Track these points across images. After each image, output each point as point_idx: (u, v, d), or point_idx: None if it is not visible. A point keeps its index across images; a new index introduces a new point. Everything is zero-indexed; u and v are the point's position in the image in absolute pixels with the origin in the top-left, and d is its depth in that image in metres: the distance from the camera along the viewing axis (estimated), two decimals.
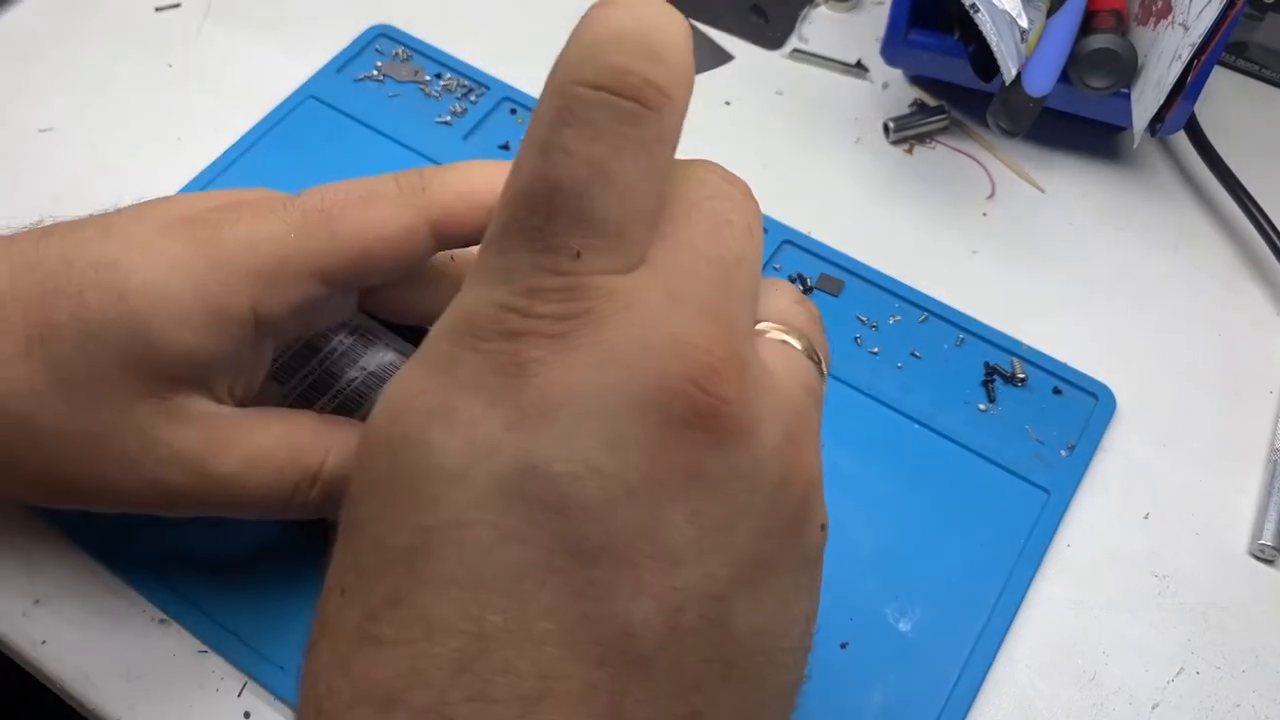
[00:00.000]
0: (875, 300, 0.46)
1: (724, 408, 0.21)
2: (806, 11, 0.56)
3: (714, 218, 0.24)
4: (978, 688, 0.37)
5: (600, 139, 0.22)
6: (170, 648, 0.37)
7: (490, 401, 0.21)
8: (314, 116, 0.50)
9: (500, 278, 0.22)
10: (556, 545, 0.21)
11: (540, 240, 0.22)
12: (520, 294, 0.22)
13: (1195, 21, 0.43)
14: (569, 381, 0.21)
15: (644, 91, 0.22)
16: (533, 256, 0.22)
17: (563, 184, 0.22)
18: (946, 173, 0.51)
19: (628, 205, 0.22)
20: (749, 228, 0.25)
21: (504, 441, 0.21)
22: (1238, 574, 0.40)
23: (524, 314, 0.22)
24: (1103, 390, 0.43)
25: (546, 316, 0.22)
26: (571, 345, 0.21)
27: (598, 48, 0.22)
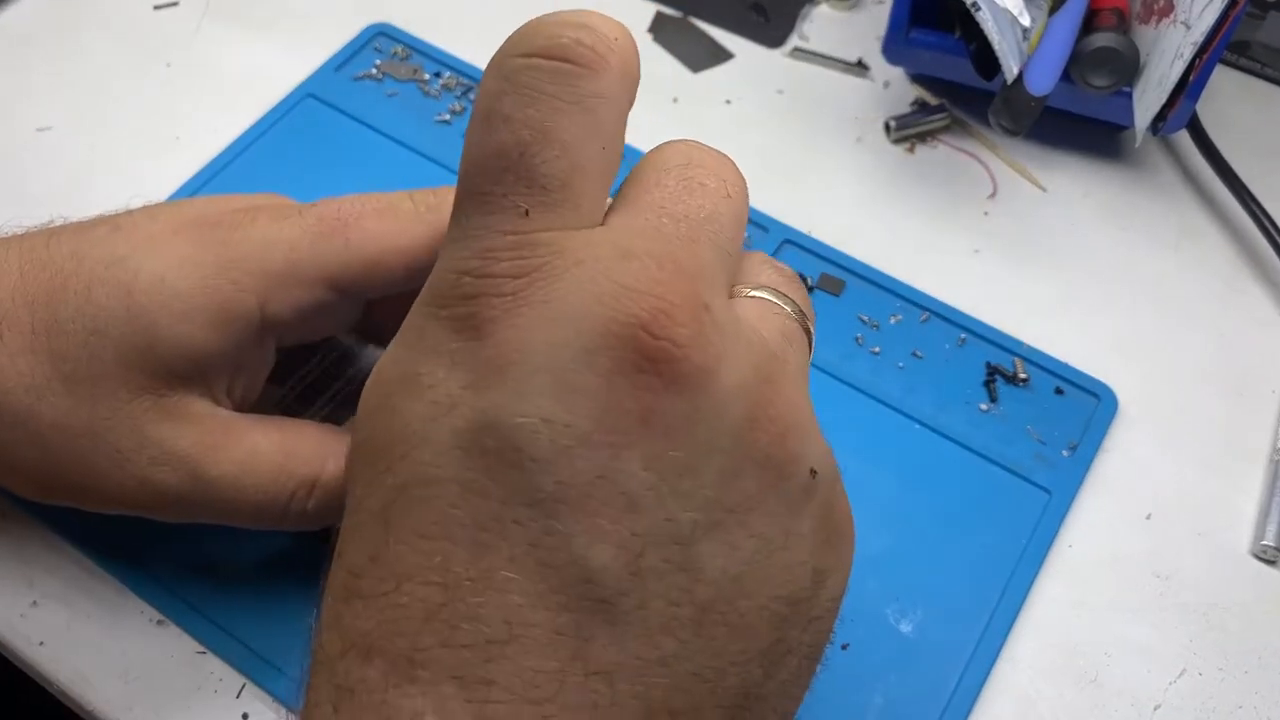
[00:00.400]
0: (876, 300, 0.46)
1: (674, 350, 0.22)
2: (807, 10, 0.56)
3: (685, 181, 0.24)
4: (979, 689, 0.37)
5: (536, 102, 0.23)
6: (168, 649, 0.37)
7: (450, 363, 0.22)
8: (312, 115, 0.50)
9: (457, 246, 0.23)
10: (514, 497, 0.21)
11: (489, 203, 0.23)
12: (474, 256, 0.23)
13: (1197, 20, 0.43)
14: (521, 337, 0.22)
15: (573, 50, 0.23)
16: (483, 219, 0.23)
17: (505, 146, 0.23)
18: (948, 172, 0.50)
19: (570, 160, 0.23)
20: (725, 191, 0.25)
21: (462, 400, 0.22)
22: (1240, 574, 0.40)
23: (477, 275, 0.22)
24: (1104, 390, 0.43)
25: (499, 276, 0.22)
26: (523, 301, 0.22)
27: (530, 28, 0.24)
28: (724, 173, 0.25)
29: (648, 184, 0.24)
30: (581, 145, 0.23)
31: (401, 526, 0.22)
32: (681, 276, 0.22)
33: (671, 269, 0.22)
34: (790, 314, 0.26)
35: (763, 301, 0.26)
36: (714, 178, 0.25)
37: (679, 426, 0.22)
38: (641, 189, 0.24)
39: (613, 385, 0.21)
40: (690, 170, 0.25)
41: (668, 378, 0.22)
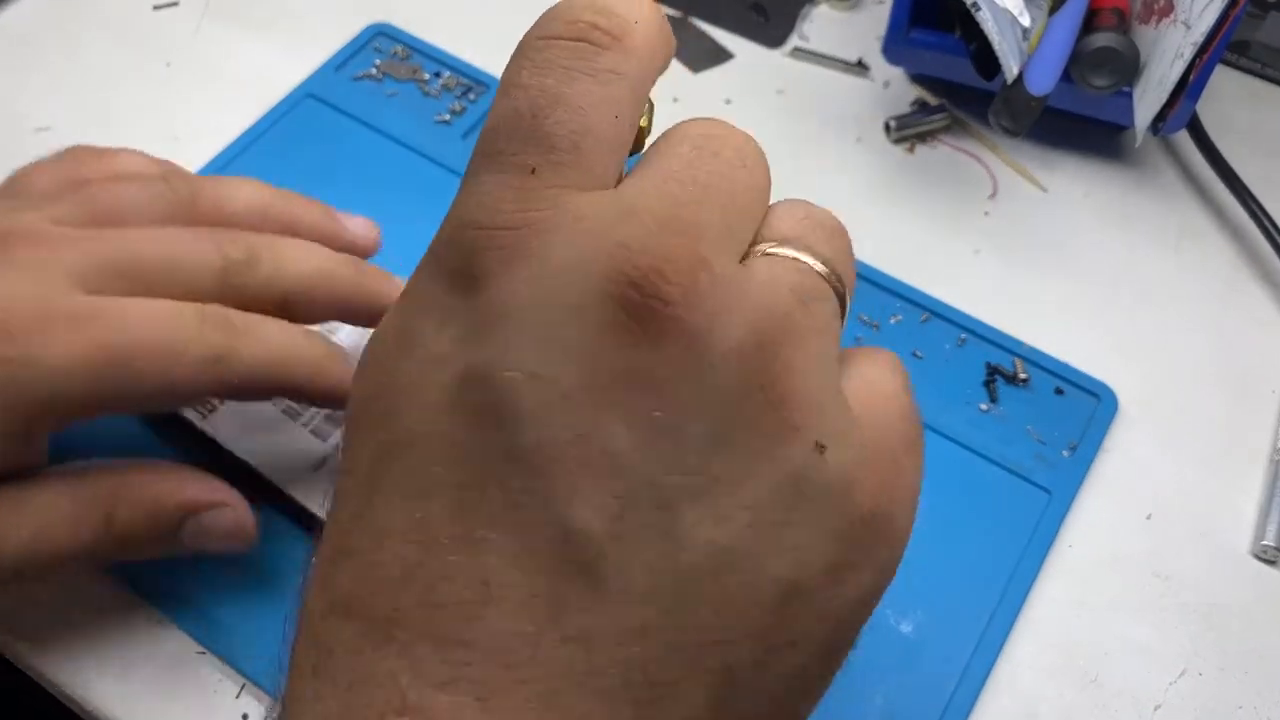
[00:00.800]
0: (876, 300, 0.46)
1: (662, 308, 0.21)
2: (807, 10, 0.56)
3: (699, 149, 0.24)
4: (979, 689, 0.37)
5: (551, 72, 0.23)
6: (168, 649, 0.37)
7: (443, 320, 0.22)
8: (312, 115, 0.50)
9: (463, 202, 0.23)
10: (495, 454, 0.21)
11: (498, 161, 0.23)
12: (476, 209, 0.22)
13: (1197, 20, 0.43)
14: (515, 290, 0.21)
15: (589, 33, 0.23)
16: (491, 176, 0.23)
17: (518, 109, 0.23)
18: (948, 172, 0.50)
19: (581, 123, 0.23)
20: (741, 161, 0.24)
21: (451, 354, 0.22)
22: (1240, 575, 0.40)
23: (477, 227, 0.22)
24: (1105, 390, 0.43)
25: (499, 228, 0.22)
26: (520, 254, 0.22)
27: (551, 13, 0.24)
28: (742, 145, 0.25)
29: (662, 152, 0.24)
30: (593, 111, 0.23)
31: (385, 484, 0.22)
32: (680, 235, 0.22)
33: (670, 228, 0.22)
34: (815, 270, 0.24)
35: (781, 258, 0.24)
36: (730, 149, 0.24)
37: (664, 387, 0.21)
38: (655, 157, 0.24)
39: (600, 342, 0.21)
40: (706, 141, 0.24)
41: (654, 336, 0.21)
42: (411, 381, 0.22)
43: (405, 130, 0.50)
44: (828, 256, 0.24)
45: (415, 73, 0.52)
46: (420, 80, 0.52)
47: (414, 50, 0.53)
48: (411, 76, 0.52)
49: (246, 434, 0.40)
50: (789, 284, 0.23)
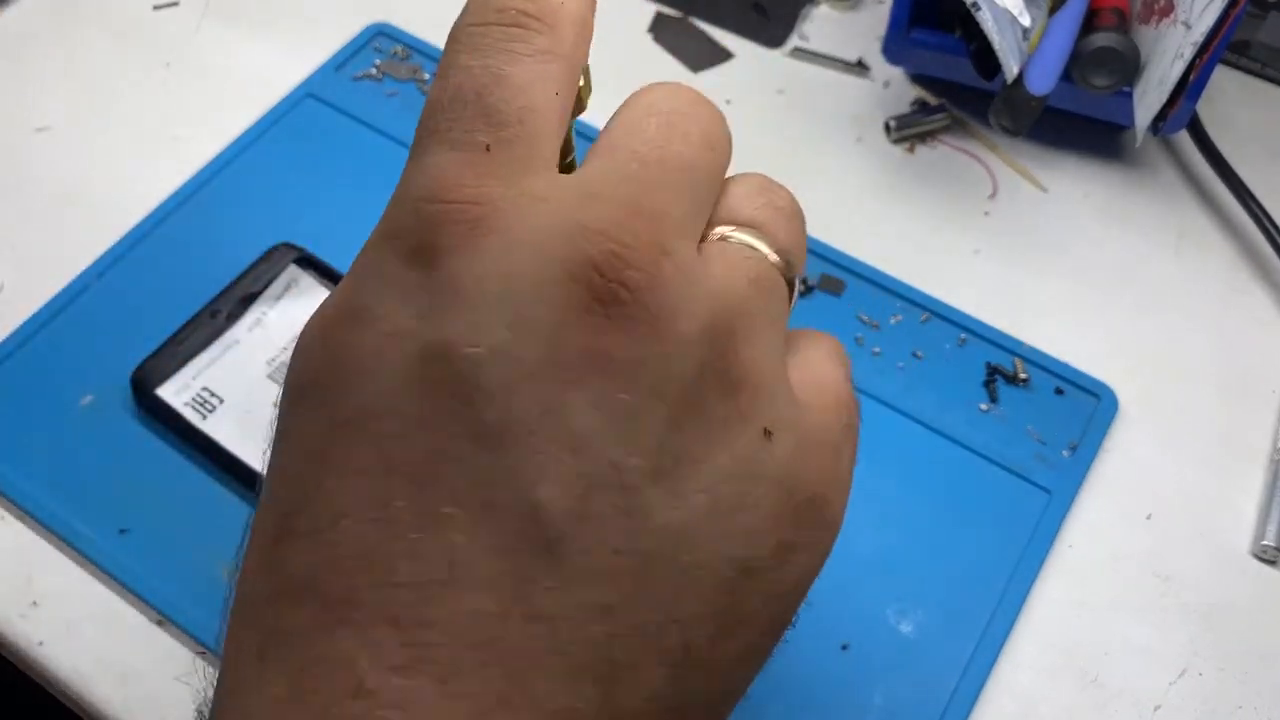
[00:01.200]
0: (876, 300, 0.46)
1: (626, 293, 0.21)
2: (807, 10, 0.56)
3: (667, 129, 0.24)
4: (979, 689, 0.37)
5: (490, 53, 0.23)
6: (168, 649, 0.37)
7: (403, 294, 0.22)
8: (312, 115, 0.50)
9: (415, 178, 0.23)
10: (459, 430, 0.21)
11: (449, 138, 0.23)
12: (434, 184, 0.22)
13: (1197, 20, 0.43)
14: (478, 266, 0.21)
15: (520, 19, 0.24)
16: (444, 153, 0.23)
17: (462, 88, 0.23)
18: (948, 172, 0.50)
19: (526, 100, 0.23)
20: (709, 144, 0.25)
21: (412, 329, 0.21)
22: (1240, 575, 0.40)
23: (436, 201, 0.22)
24: (1105, 390, 0.43)
25: (459, 202, 0.22)
26: (482, 231, 0.22)
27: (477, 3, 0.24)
28: (710, 124, 0.25)
29: (628, 126, 0.24)
30: (535, 89, 0.23)
31: (341, 462, 0.21)
32: (643, 220, 0.22)
33: (633, 212, 0.22)
34: (768, 258, 0.25)
35: (738, 246, 0.24)
36: (698, 131, 0.25)
37: (626, 370, 0.21)
38: (621, 132, 0.24)
39: (565, 321, 0.21)
40: (674, 118, 0.25)
41: (617, 319, 0.21)
42: (368, 356, 0.22)
43: (405, 130, 0.50)
44: (783, 245, 0.25)
45: (415, 73, 0.52)
46: (420, 80, 0.52)
47: (414, 50, 0.53)
48: (411, 76, 0.52)
49: (246, 434, 0.40)
50: (745, 273, 0.24)
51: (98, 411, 0.41)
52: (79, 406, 0.42)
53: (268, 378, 0.42)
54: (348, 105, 0.51)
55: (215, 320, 0.43)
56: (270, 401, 0.41)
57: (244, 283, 0.44)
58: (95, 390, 0.42)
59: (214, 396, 0.41)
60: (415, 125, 0.24)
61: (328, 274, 0.44)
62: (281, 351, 0.42)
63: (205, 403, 0.41)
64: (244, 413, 0.41)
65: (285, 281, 0.44)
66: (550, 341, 0.21)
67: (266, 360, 0.42)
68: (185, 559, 0.38)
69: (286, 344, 0.42)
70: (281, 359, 0.42)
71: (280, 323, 0.43)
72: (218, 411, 0.41)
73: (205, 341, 0.42)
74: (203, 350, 0.42)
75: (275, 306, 0.43)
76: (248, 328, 0.43)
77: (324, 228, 0.46)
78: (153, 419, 0.41)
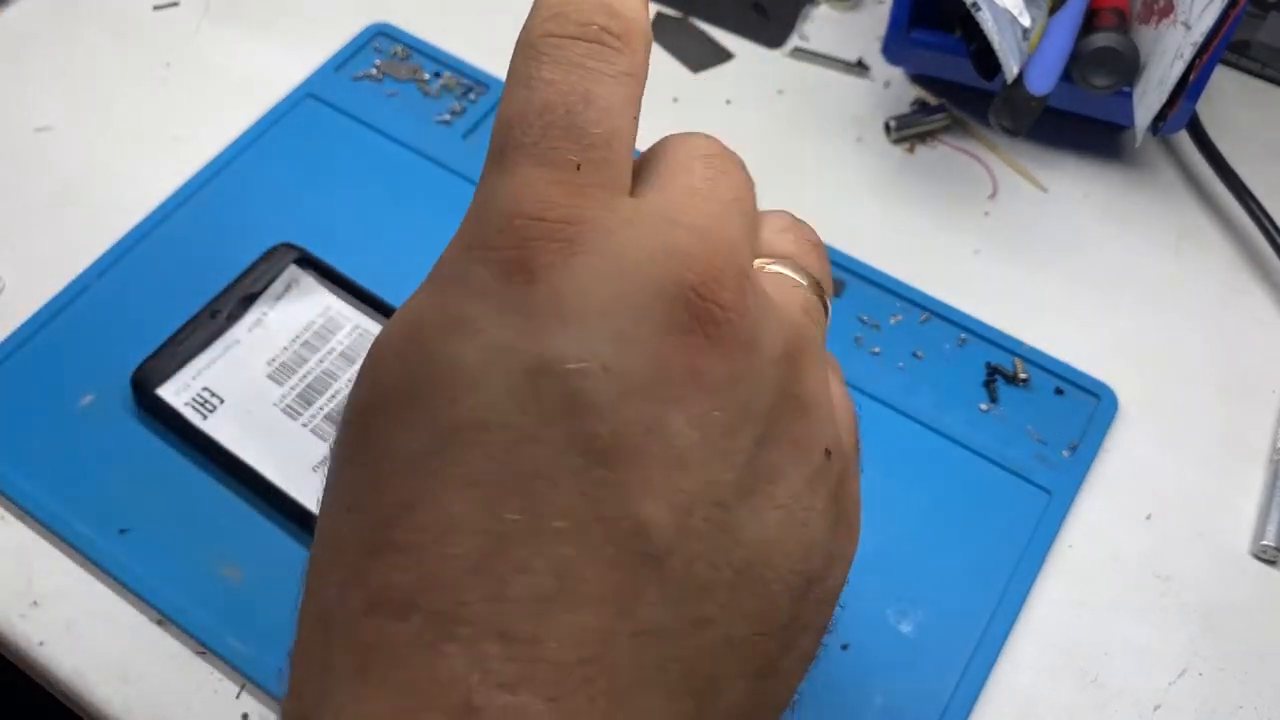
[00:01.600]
0: (876, 300, 0.46)
1: (722, 314, 0.22)
2: (807, 10, 0.56)
3: (711, 168, 0.25)
4: (979, 689, 0.37)
5: (576, 70, 0.24)
6: (168, 649, 0.37)
7: (501, 307, 0.22)
8: (312, 115, 0.50)
9: (502, 191, 0.23)
10: (569, 444, 0.21)
11: (538, 154, 0.23)
12: (528, 201, 0.22)
13: (1197, 20, 0.43)
14: (578, 284, 0.22)
15: (604, 36, 0.24)
16: (535, 169, 0.23)
17: (551, 103, 0.23)
18: (948, 172, 0.50)
19: (611, 124, 0.23)
20: (745, 180, 0.26)
21: (517, 343, 0.22)
22: (1240, 575, 0.40)
23: (533, 219, 0.22)
24: (1105, 390, 0.43)
25: (555, 221, 0.22)
26: (579, 250, 0.22)
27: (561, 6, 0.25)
28: (741, 167, 0.27)
29: (676, 168, 0.25)
30: (620, 112, 0.24)
31: (447, 474, 0.21)
32: (725, 247, 0.23)
33: (715, 239, 0.23)
34: (808, 288, 0.26)
35: (780, 276, 0.26)
36: (735, 167, 0.26)
37: (721, 388, 0.22)
38: (671, 172, 0.25)
39: (666, 341, 0.22)
40: (715, 160, 0.26)
41: (714, 339, 0.22)
42: (472, 367, 0.22)
43: (405, 130, 0.50)
44: (816, 275, 0.27)
45: (415, 73, 0.52)
46: (420, 80, 0.52)
47: (414, 50, 0.53)
48: (411, 76, 0.52)
49: (246, 434, 0.40)
50: (798, 302, 0.25)
51: (98, 411, 0.41)
52: (79, 406, 0.42)
53: (268, 378, 0.42)
54: (348, 105, 0.51)
55: (215, 320, 0.43)
56: (270, 401, 0.41)
57: (244, 283, 0.44)
58: (95, 390, 0.42)
59: (214, 396, 0.41)
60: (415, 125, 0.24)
61: (328, 274, 0.44)
62: (282, 351, 0.42)
63: (205, 403, 0.41)
64: (244, 413, 0.41)
65: (285, 281, 0.44)
66: (653, 359, 0.21)
67: (266, 360, 0.42)
68: (185, 559, 0.38)
69: (287, 344, 0.42)
70: (282, 359, 0.42)
71: (280, 323, 0.43)
72: (218, 411, 0.41)
73: (205, 341, 0.42)
74: (203, 350, 0.42)
75: (275, 306, 0.43)
76: (248, 328, 0.43)
77: (324, 228, 0.46)
78: (153, 419, 0.41)
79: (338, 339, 0.42)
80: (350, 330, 0.43)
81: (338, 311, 0.43)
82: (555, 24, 0.24)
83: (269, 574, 0.38)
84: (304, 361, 0.42)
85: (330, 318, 0.43)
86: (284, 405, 0.41)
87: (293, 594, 0.39)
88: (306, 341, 0.42)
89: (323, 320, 0.43)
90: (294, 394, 0.41)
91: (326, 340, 0.42)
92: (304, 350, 0.42)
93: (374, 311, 0.43)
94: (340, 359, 0.42)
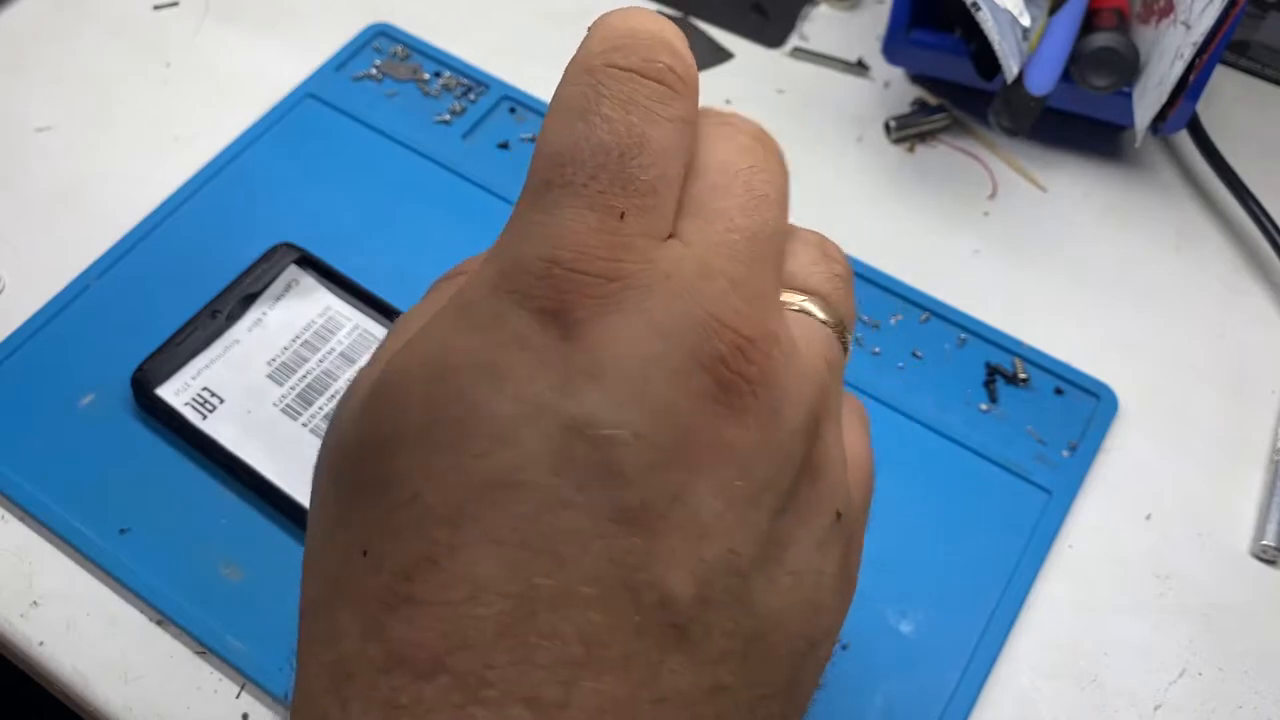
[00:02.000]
0: (876, 300, 0.46)
1: (746, 386, 0.22)
2: (807, 10, 0.56)
3: (751, 191, 0.24)
4: (979, 689, 0.37)
5: (636, 110, 0.23)
6: (168, 649, 0.37)
7: (538, 361, 0.21)
8: (312, 115, 0.50)
9: (544, 233, 0.22)
10: (600, 510, 0.21)
11: (586, 198, 0.22)
12: (568, 248, 0.22)
13: (1197, 20, 0.43)
14: (615, 344, 0.21)
15: (667, 76, 0.24)
16: (580, 214, 0.22)
17: (606, 144, 0.22)
18: (948, 172, 0.50)
19: (661, 170, 0.23)
20: (781, 199, 0.25)
21: (552, 402, 0.21)
22: (1240, 575, 0.40)
23: (572, 269, 0.22)
24: (1105, 390, 0.43)
25: (594, 275, 0.22)
26: (616, 307, 0.22)
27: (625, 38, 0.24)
28: (782, 179, 0.26)
29: (715, 188, 0.24)
30: (671, 158, 0.23)
31: (473, 529, 0.21)
32: (755, 304, 0.23)
33: (745, 296, 0.23)
34: (833, 330, 0.26)
35: (808, 320, 0.25)
36: (774, 186, 0.25)
37: (745, 460, 0.22)
38: (710, 193, 0.24)
39: (695, 409, 0.21)
40: (755, 175, 0.25)
41: (739, 410, 0.22)
42: (506, 421, 0.21)
43: (405, 130, 0.50)
44: (844, 316, 0.26)
45: (415, 73, 0.52)
46: (420, 80, 0.52)
47: (414, 50, 0.53)
48: (411, 76, 0.52)
49: (246, 434, 0.40)
50: (823, 354, 0.25)
51: (98, 411, 0.41)
52: (79, 406, 0.42)
53: (268, 378, 0.42)
54: (348, 105, 0.51)
55: (215, 320, 0.43)
56: (270, 401, 0.41)
57: (244, 283, 0.44)
58: (95, 390, 0.42)
59: (214, 396, 0.41)
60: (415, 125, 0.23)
61: (328, 274, 0.44)
62: (282, 351, 0.42)
63: (205, 403, 0.41)
64: (244, 413, 0.41)
65: (285, 281, 0.44)
66: (683, 428, 0.21)
67: (266, 360, 0.42)
68: (185, 559, 0.38)
69: (287, 344, 0.42)
70: (282, 359, 0.42)
71: (280, 323, 0.43)
72: (218, 411, 0.41)
73: (205, 341, 0.42)
74: (203, 350, 0.42)
75: (275, 306, 0.43)
76: (248, 328, 0.43)
77: (324, 228, 0.46)
78: (153, 419, 0.41)
79: (338, 339, 0.42)
80: (350, 330, 0.43)
81: (338, 311, 0.43)
82: (621, 56, 0.23)
83: (269, 574, 0.38)
84: (304, 361, 0.42)
85: (330, 318, 0.43)
86: (284, 405, 0.41)
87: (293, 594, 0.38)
88: (306, 341, 0.42)
89: (323, 320, 0.43)
90: (294, 394, 0.41)
91: (326, 340, 0.42)
92: (304, 350, 0.42)
93: (374, 312, 0.43)
94: (340, 359, 0.42)
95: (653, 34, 0.24)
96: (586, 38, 0.24)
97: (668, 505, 0.21)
